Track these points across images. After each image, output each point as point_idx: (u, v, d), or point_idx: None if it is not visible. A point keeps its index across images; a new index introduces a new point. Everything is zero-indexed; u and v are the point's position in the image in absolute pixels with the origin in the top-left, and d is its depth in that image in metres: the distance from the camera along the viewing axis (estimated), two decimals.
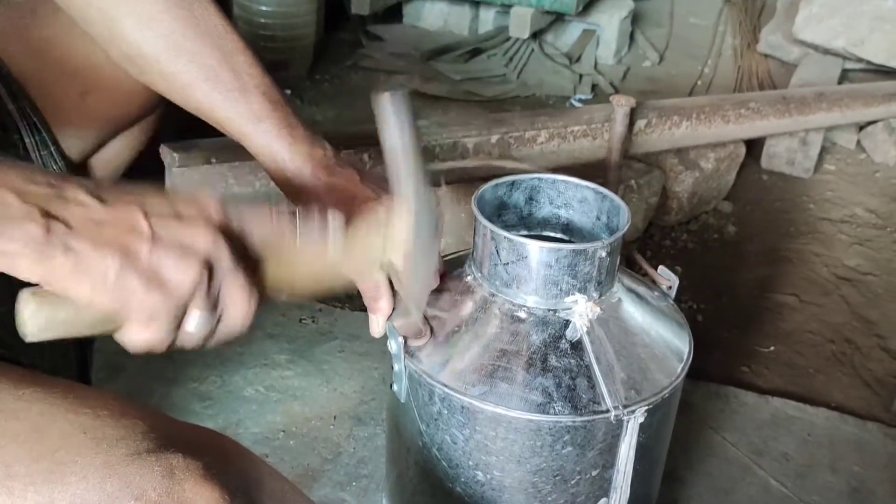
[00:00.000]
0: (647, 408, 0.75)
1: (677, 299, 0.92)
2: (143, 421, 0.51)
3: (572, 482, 0.76)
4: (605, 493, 0.78)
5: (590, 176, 1.76)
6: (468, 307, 0.78)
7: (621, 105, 1.58)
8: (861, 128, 2.37)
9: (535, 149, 1.57)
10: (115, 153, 1.00)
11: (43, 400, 0.50)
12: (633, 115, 1.61)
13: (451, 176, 1.40)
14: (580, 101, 2.61)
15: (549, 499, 0.76)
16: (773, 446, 1.35)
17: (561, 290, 0.76)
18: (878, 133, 2.33)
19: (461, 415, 0.73)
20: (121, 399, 0.54)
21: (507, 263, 0.75)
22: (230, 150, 1.21)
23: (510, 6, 2.61)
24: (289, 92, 2.49)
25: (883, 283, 1.86)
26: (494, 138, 1.50)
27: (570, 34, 2.87)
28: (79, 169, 0.97)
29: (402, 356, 0.76)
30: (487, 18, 2.82)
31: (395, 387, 0.79)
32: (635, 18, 2.99)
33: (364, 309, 0.84)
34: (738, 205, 2.09)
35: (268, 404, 1.32)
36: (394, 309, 0.82)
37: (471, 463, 0.75)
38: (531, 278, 0.75)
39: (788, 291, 1.81)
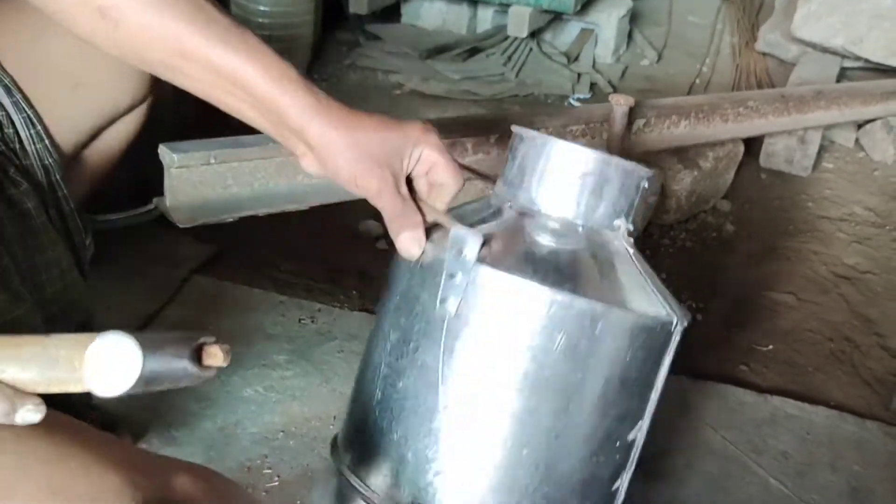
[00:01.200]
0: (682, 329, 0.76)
1: (678, 298, 0.93)
2: (118, 474, 0.49)
3: (633, 392, 0.75)
4: (641, 415, 0.77)
5: None
6: (518, 224, 0.75)
7: (620, 104, 1.57)
8: (859, 126, 2.37)
9: None
10: (108, 144, 1.00)
11: (15, 451, 0.48)
12: (631, 114, 1.61)
13: None
14: (579, 100, 2.61)
15: (612, 412, 0.74)
16: (772, 445, 1.35)
17: (613, 211, 0.76)
18: (877, 131, 2.33)
19: (547, 320, 0.69)
20: (97, 442, 0.51)
21: (587, 176, 0.75)
22: (230, 151, 1.21)
23: (508, 5, 2.61)
24: None
25: (882, 281, 1.86)
26: (493, 138, 1.50)
27: (568, 33, 2.87)
28: (73, 161, 0.97)
29: (472, 263, 0.69)
30: (486, 17, 2.82)
31: (448, 304, 0.70)
32: (633, 17, 2.99)
33: (364, 309, 0.83)
34: (736, 203, 2.09)
35: (267, 405, 1.32)
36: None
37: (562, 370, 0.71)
38: (591, 195, 0.75)
39: (787, 290, 1.81)
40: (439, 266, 0.71)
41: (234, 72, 0.70)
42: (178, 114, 1.97)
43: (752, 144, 2.17)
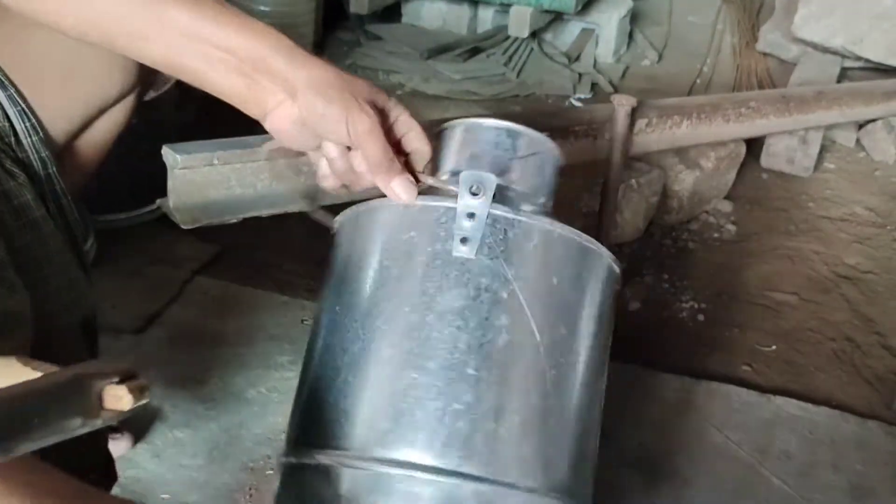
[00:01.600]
0: None
1: (680, 299, 0.93)
2: None
3: (609, 333, 0.76)
4: (608, 359, 0.77)
5: (591, 175, 1.76)
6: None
7: (622, 105, 1.57)
8: (860, 126, 2.37)
9: None
10: (100, 133, 1.00)
11: None
12: (633, 115, 1.61)
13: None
14: (580, 100, 2.61)
15: (600, 350, 0.74)
16: (775, 445, 1.36)
17: (545, 190, 0.79)
18: (878, 131, 2.33)
19: (564, 257, 0.73)
20: (19, 475, 0.48)
21: (524, 157, 0.76)
22: (233, 152, 1.21)
23: (509, 5, 2.61)
24: None
25: (883, 281, 1.86)
26: None
27: (569, 33, 2.87)
28: (65, 152, 0.97)
29: (489, 201, 0.70)
30: (486, 17, 2.82)
31: (463, 247, 0.69)
32: (634, 17, 2.99)
33: None
34: (738, 203, 2.10)
35: (269, 405, 1.32)
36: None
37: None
38: (537, 175, 0.78)
39: (789, 290, 1.81)
40: (447, 212, 0.70)
41: (210, 31, 0.70)
42: (179, 114, 1.98)
43: (754, 144, 2.18)
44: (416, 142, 0.75)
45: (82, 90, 0.90)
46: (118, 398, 0.51)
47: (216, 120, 2.46)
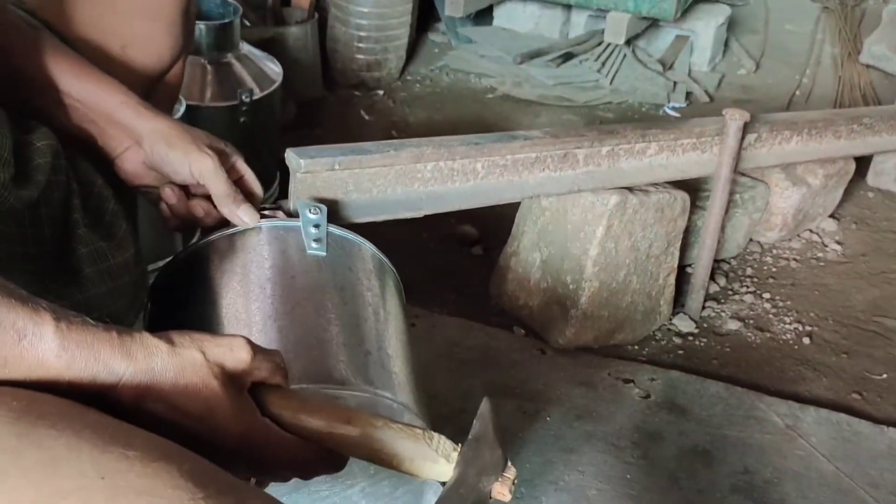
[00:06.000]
0: None
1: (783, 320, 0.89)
2: (179, 466, 0.45)
3: None
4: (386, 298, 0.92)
5: (697, 190, 1.72)
6: None
7: (735, 119, 1.54)
8: None
9: (644, 161, 1.54)
10: (162, 95, 1.01)
11: (72, 430, 0.45)
12: (744, 130, 1.57)
13: None
14: (674, 108, 2.56)
15: None
16: (889, 479, 1.31)
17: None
18: None
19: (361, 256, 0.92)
20: (167, 448, 0.48)
21: None
22: (353, 158, 1.23)
23: (605, 10, 2.57)
24: (381, 93, 2.50)
25: None
26: (605, 150, 1.48)
27: (662, 39, 2.82)
28: None
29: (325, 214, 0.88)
30: (579, 22, 2.79)
31: (320, 245, 0.86)
32: (730, 25, 2.92)
33: (462, 314, 0.82)
34: (843, 223, 2.03)
35: None
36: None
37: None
38: None
39: None
40: (293, 228, 0.86)
41: (68, 83, 0.82)
42: (281, 114, 2.01)
43: (860, 162, 2.09)
44: (251, 185, 0.88)
45: (139, 58, 0.93)
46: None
47: (312, 121, 2.50)
